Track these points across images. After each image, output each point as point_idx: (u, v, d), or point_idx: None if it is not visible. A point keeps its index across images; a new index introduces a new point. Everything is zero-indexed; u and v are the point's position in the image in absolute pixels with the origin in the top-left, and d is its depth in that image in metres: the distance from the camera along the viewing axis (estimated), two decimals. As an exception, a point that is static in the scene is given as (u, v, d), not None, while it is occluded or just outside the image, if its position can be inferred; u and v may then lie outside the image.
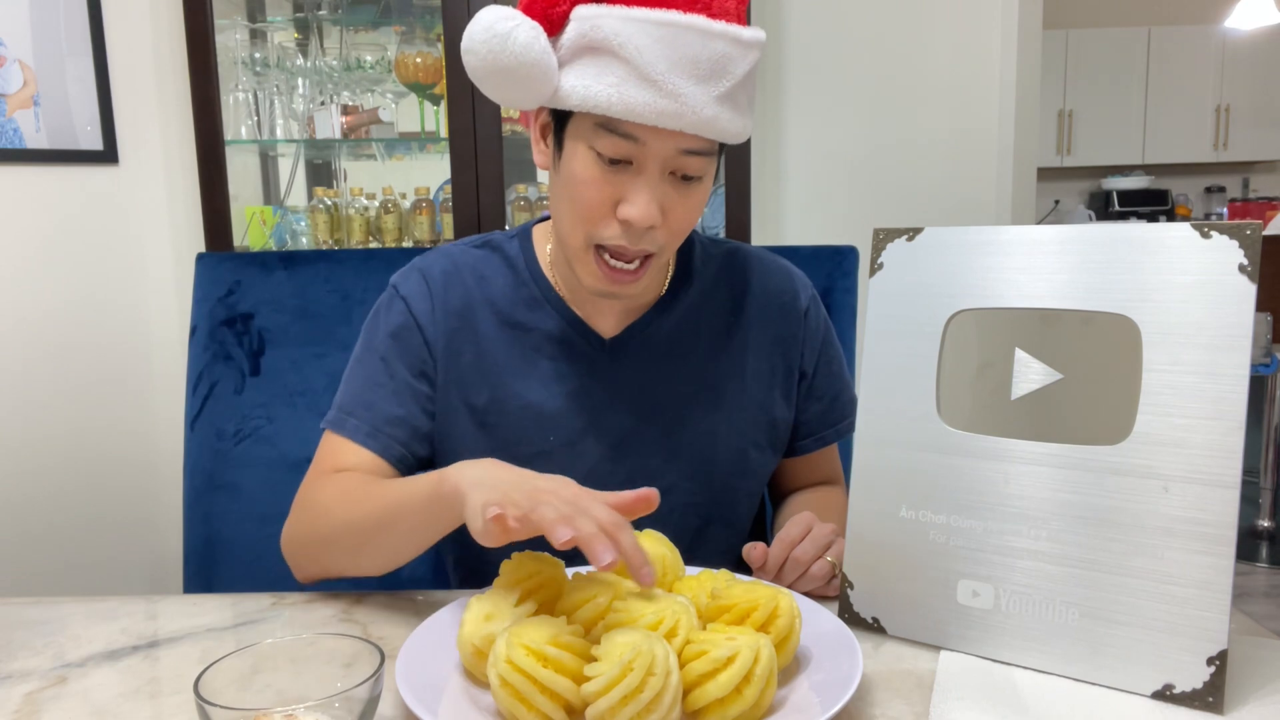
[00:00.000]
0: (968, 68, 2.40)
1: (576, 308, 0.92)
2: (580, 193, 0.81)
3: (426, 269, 0.94)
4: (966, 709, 0.64)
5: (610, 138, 0.78)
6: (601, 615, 0.67)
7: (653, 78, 0.74)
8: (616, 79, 0.75)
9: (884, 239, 0.80)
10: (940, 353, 0.76)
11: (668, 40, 0.74)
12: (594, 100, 0.76)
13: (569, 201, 0.83)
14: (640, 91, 0.74)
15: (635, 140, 0.78)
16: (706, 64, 0.75)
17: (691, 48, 0.74)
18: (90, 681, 0.72)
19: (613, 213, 0.81)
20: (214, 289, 1.31)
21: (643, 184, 0.79)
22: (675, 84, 0.74)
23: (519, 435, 0.91)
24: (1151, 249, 0.68)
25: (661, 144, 0.78)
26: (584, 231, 0.82)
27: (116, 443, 2.22)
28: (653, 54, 0.74)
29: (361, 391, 0.91)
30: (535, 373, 0.91)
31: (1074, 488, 0.69)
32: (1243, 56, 5.86)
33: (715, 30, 0.75)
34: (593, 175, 0.80)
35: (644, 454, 0.92)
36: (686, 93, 0.75)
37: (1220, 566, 0.64)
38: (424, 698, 0.62)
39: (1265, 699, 0.65)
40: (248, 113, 2.24)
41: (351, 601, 0.87)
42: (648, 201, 0.79)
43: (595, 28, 0.75)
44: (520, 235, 0.97)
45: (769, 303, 0.98)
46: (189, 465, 1.30)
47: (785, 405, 0.99)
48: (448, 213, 2.22)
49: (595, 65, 0.76)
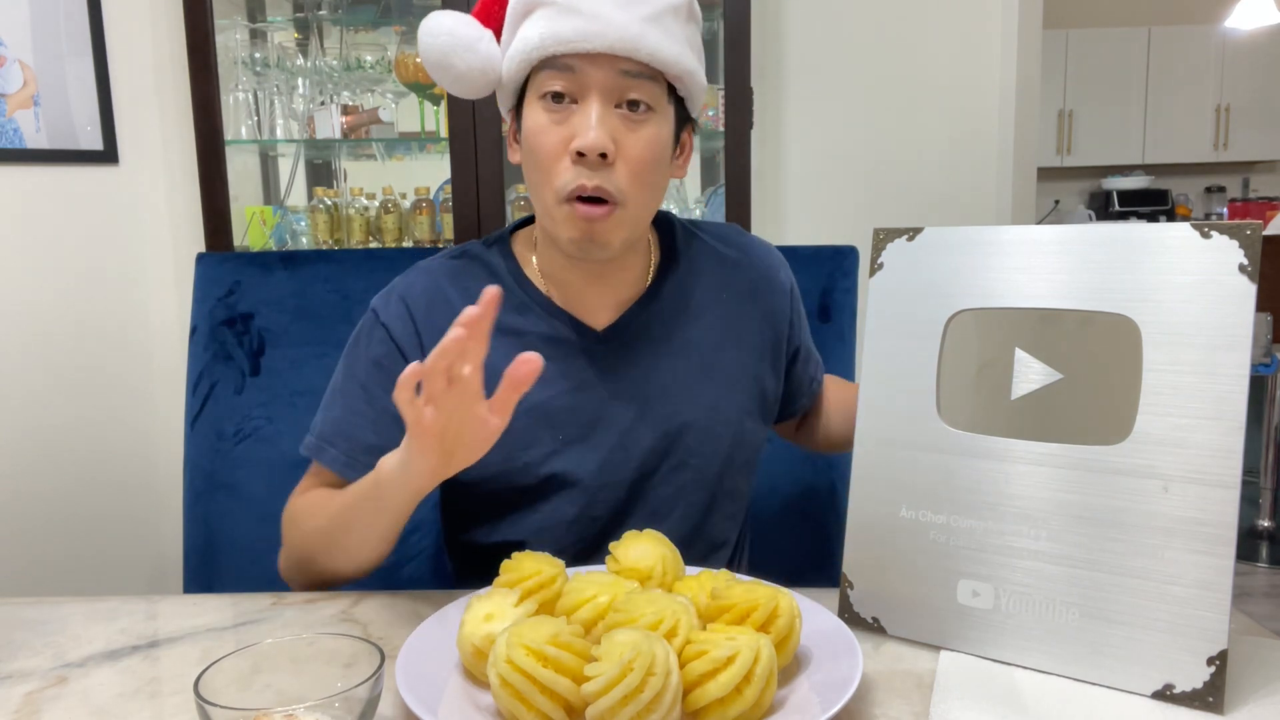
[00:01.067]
0: (968, 68, 2.40)
1: (565, 306, 0.94)
2: (536, 144, 0.84)
3: (407, 292, 0.95)
4: (966, 709, 0.64)
5: (551, 74, 0.82)
6: (601, 615, 0.67)
7: (577, 8, 0.80)
8: (545, 20, 0.81)
9: (884, 239, 0.80)
10: (940, 353, 0.76)
11: None
12: (528, 46, 0.82)
13: (531, 163, 0.86)
14: (567, 20, 0.80)
15: (572, 70, 0.82)
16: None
17: None
18: (90, 681, 0.72)
19: (566, 152, 0.83)
20: (214, 289, 1.31)
21: (588, 113, 0.82)
22: (596, 8, 0.80)
23: (529, 440, 0.91)
24: (1151, 249, 0.68)
25: (598, 70, 0.82)
26: (549, 184, 0.85)
27: (116, 442, 2.22)
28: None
29: (341, 420, 0.92)
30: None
31: (1074, 488, 0.69)
32: (1243, 56, 5.86)
33: None
34: (543, 122, 0.84)
35: (651, 437, 0.93)
36: (607, 13, 0.80)
37: (1220, 566, 0.64)
38: (424, 698, 0.62)
39: (1265, 699, 0.65)
40: (248, 113, 2.24)
41: (351, 601, 0.87)
42: (594, 126, 0.81)
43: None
44: (498, 242, 0.98)
45: (756, 278, 1.01)
46: (189, 465, 1.30)
47: (773, 377, 1.02)
48: (448, 213, 2.22)
49: (530, 21, 0.83)
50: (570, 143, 0.82)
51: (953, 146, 2.43)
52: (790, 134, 2.42)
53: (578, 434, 0.92)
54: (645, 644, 0.58)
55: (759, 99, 2.29)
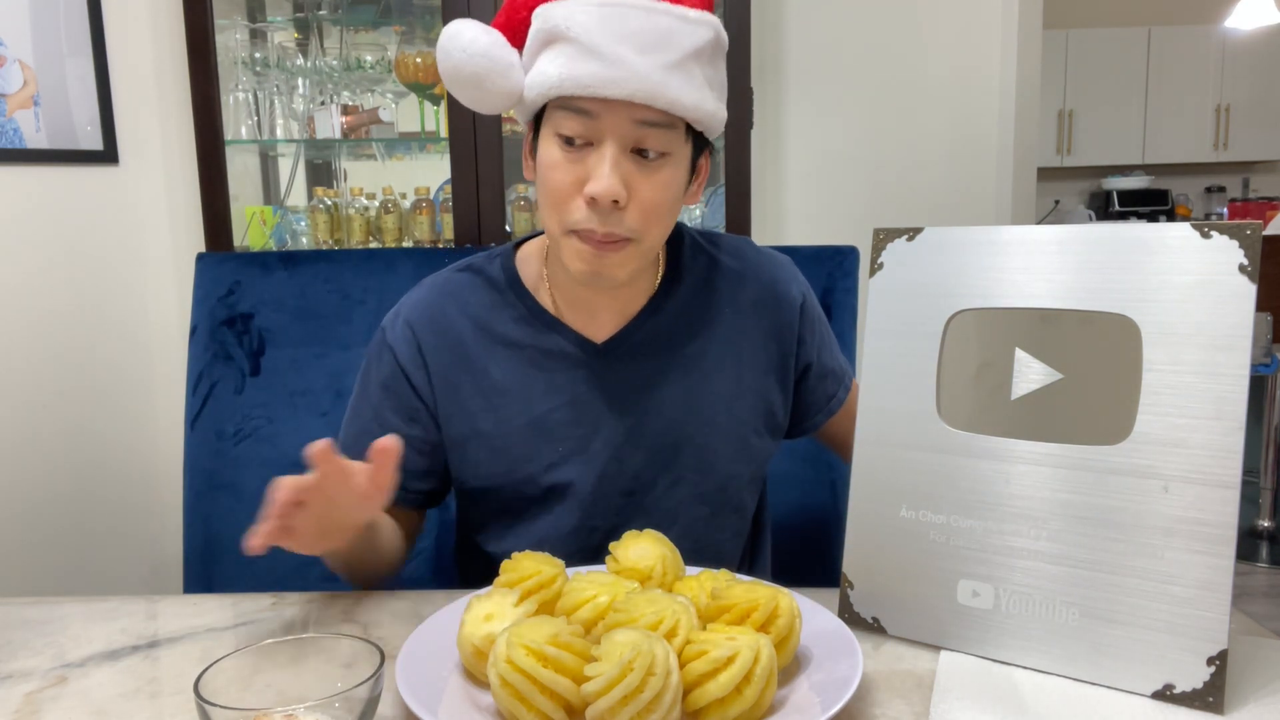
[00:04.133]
0: (968, 68, 2.40)
1: (568, 317, 0.94)
2: (548, 178, 0.84)
3: (411, 313, 0.96)
4: (966, 709, 0.64)
5: (567, 116, 0.81)
6: (601, 615, 0.67)
7: (599, 51, 0.78)
8: (566, 58, 0.79)
9: (884, 239, 0.80)
10: (940, 353, 0.76)
11: (611, 17, 0.78)
12: (547, 83, 0.80)
13: (543, 193, 0.86)
14: (587, 64, 0.78)
15: (590, 115, 0.80)
16: (650, 35, 0.78)
17: (634, 22, 0.78)
18: (90, 681, 0.72)
19: (580, 193, 0.82)
20: (214, 289, 1.31)
21: (602, 158, 0.81)
22: (618, 53, 0.78)
23: (530, 452, 0.92)
24: (1151, 249, 0.68)
25: (615, 116, 0.80)
26: (558, 218, 0.84)
27: (117, 443, 2.22)
28: (597, 30, 0.78)
29: (354, 443, 0.92)
30: (535, 387, 0.92)
31: (1074, 488, 0.69)
32: (1243, 56, 5.86)
33: (658, 7, 0.79)
34: (557, 159, 0.83)
35: (650, 450, 0.94)
36: (630, 60, 0.78)
37: (1220, 566, 0.64)
38: (424, 698, 0.62)
39: (1265, 699, 0.65)
40: (248, 113, 2.24)
41: (351, 601, 0.87)
42: (608, 175, 0.80)
43: (546, 19, 0.80)
44: (502, 255, 0.98)
45: (763, 294, 0.99)
46: (189, 465, 1.30)
47: (781, 393, 1.01)
48: (448, 213, 2.22)
49: (549, 53, 0.81)
50: (583, 184, 0.82)
51: (953, 146, 2.43)
52: (790, 134, 2.42)
53: (576, 446, 0.92)
54: (645, 644, 0.58)
55: (759, 99, 2.29)
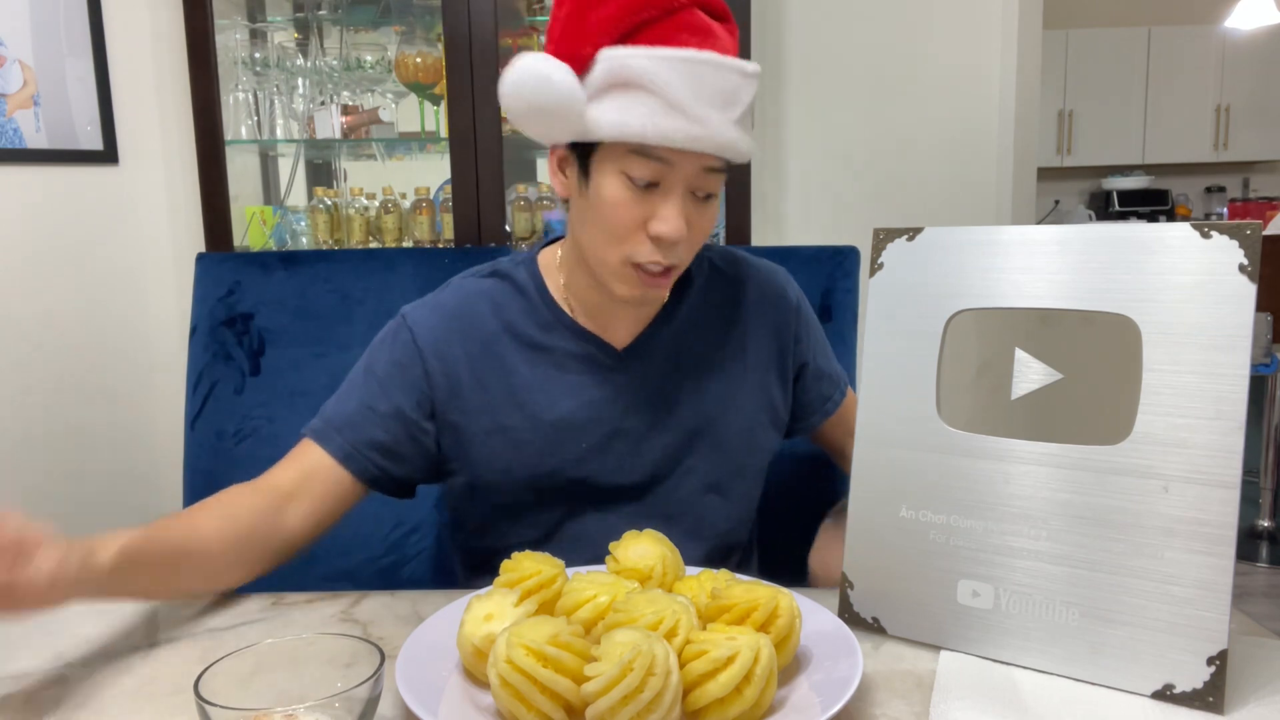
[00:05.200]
0: (968, 68, 2.40)
1: (588, 325, 0.99)
2: (612, 214, 0.88)
3: (441, 306, 0.99)
4: (966, 709, 0.64)
5: (643, 162, 0.85)
6: (601, 615, 0.67)
7: (680, 106, 0.82)
8: (648, 110, 0.83)
9: (884, 239, 0.80)
10: (940, 353, 0.76)
11: (689, 74, 0.82)
12: (629, 130, 0.83)
13: (600, 224, 0.89)
14: (670, 119, 0.83)
15: (666, 163, 0.85)
16: (722, 93, 0.84)
17: (709, 79, 0.83)
18: (90, 681, 0.72)
19: (643, 230, 0.88)
20: (214, 289, 1.31)
21: (672, 202, 0.87)
22: (700, 112, 0.83)
23: (554, 448, 0.97)
24: (1151, 249, 0.68)
25: (688, 165, 0.86)
26: (618, 251, 0.89)
27: (117, 443, 2.22)
28: (679, 86, 0.82)
29: (353, 414, 0.95)
30: (561, 388, 0.97)
31: (1074, 488, 0.69)
32: (1243, 56, 5.86)
33: (726, 64, 0.84)
34: (624, 198, 0.87)
35: (665, 444, 0.99)
36: (709, 119, 0.83)
37: (1220, 566, 0.64)
38: (424, 698, 0.62)
39: (1265, 699, 0.65)
40: (248, 113, 2.24)
41: (351, 601, 0.87)
42: (677, 216, 0.87)
43: (625, 66, 0.82)
44: (527, 262, 1.02)
45: (762, 297, 1.06)
46: (189, 465, 1.30)
47: (781, 389, 1.06)
48: (448, 213, 2.22)
49: (626, 99, 0.83)
50: (647, 221, 0.87)
51: (953, 146, 2.43)
52: (790, 134, 2.42)
53: (597, 443, 0.97)
54: (645, 644, 0.58)
55: (759, 99, 2.29)
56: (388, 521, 1.29)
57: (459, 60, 2.04)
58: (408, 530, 1.29)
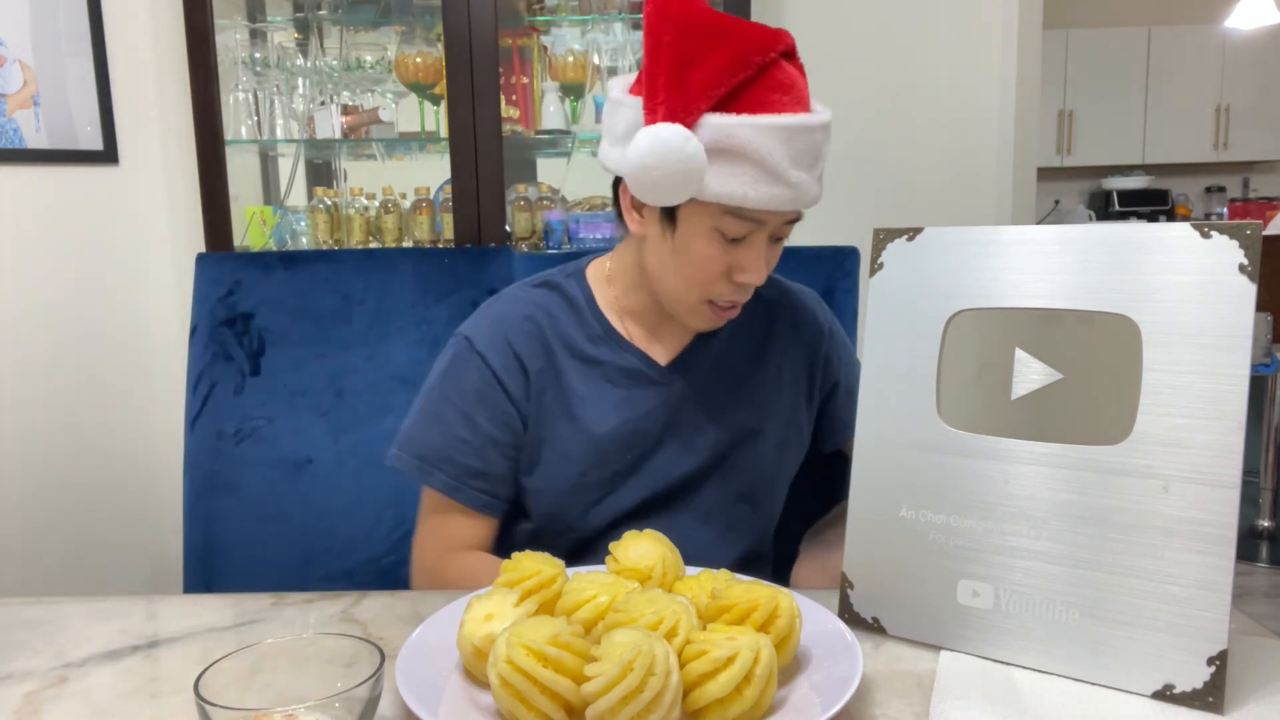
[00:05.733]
0: (968, 68, 2.40)
1: (635, 340, 1.04)
2: (702, 265, 0.94)
3: (502, 320, 1.03)
4: (966, 709, 0.64)
5: (738, 221, 0.91)
6: (601, 615, 0.67)
7: (779, 174, 0.88)
8: (751, 177, 0.88)
9: (884, 239, 0.80)
10: (940, 353, 0.76)
11: (787, 140, 0.88)
12: (733, 195, 0.89)
13: (686, 270, 0.96)
14: (771, 187, 0.89)
15: (758, 222, 0.92)
16: (811, 154, 0.91)
17: (802, 143, 0.89)
18: (90, 681, 0.72)
19: (727, 276, 0.95)
20: (214, 289, 1.32)
21: (758, 253, 0.94)
22: (795, 176, 0.89)
23: (602, 459, 1.01)
24: (1151, 249, 0.68)
25: (776, 220, 0.93)
26: (699, 293, 0.96)
27: (116, 443, 2.22)
28: (778, 154, 0.88)
29: (444, 446, 1.00)
30: (609, 402, 1.01)
31: (1074, 488, 0.69)
32: (1243, 56, 5.86)
33: (815, 124, 0.90)
34: (716, 251, 0.93)
35: (704, 457, 1.03)
36: (802, 182, 0.90)
37: (1220, 566, 0.64)
38: (424, 698, 0.62)
39: (1265, 699, 0.65)
40: (248, 113, 2.24)
41: (351, 601, 0.87)
42: (763, 266, 0.95)
43: (730, 136, 0.87)
44: (576, 275, 1.07)
45: (795, 319, 1.11)
46: (189, 465, 1.30)
47: (808, 409, 1.12)
48: (448, 213, 2.22)
49: (730, 166, 0.88)
50: (733, 270, 0.94)
51: (953, 146, 2.43)
52: (790, 134, 2.42)
53: (641, 454, 1.02)
54: (645, 644, 0.58)
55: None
56: (388, 521, 1.29)
57: (459, 60, 2.04)
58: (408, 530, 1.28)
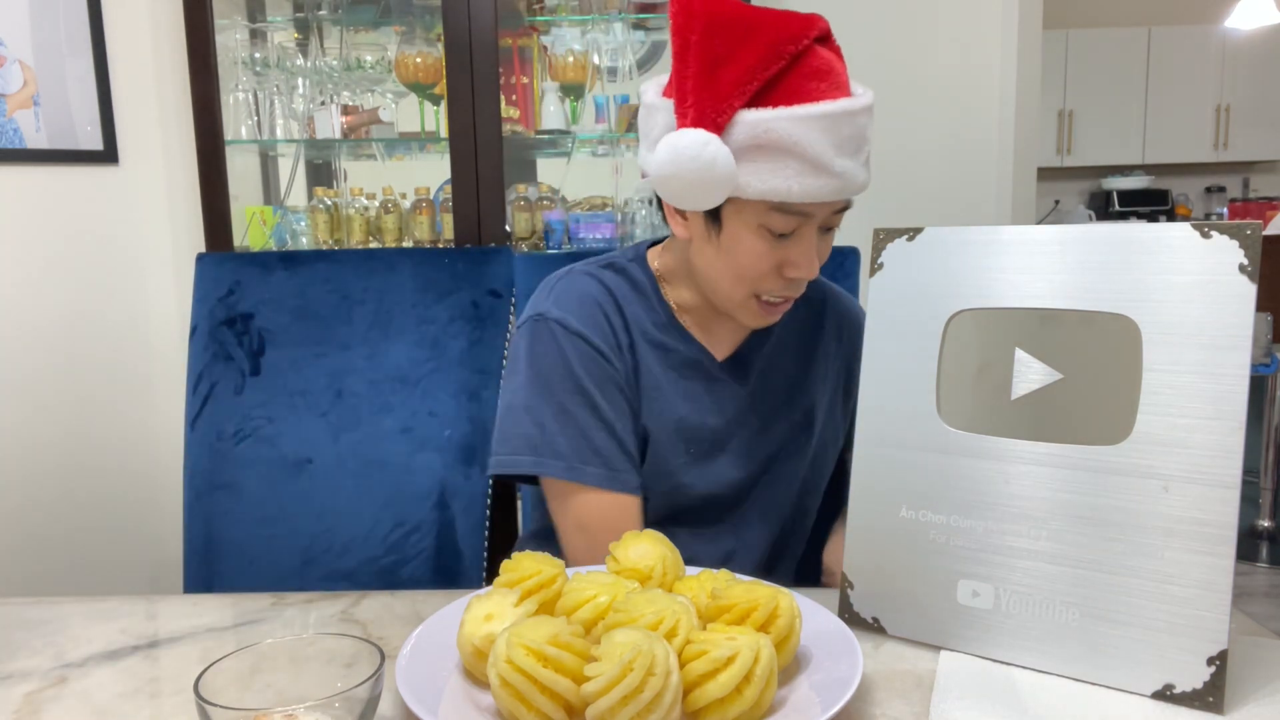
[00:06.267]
0: (968, 68, 2.40)
1: (696, 334, 1.01)
2: (751, 263, 0.91)
3: (587, 298, 0.98)
4: (966, 709, 0.64)
5: (785, 216, 0.88)
6: (601, 615, 0.67)
7: (824, 164, 0.84)
8: (794, 171, 0.85)
9: (884, 239, 0.80)
10: (940, 353, 0.76)
11: (830, 129, 0.84)
12: (777, 192, 0.85)
13: (734, 268, 0.92)
14: (815, 179, 0.85)
15: (805, 215, 0.88)
16: (855, 140, 0.87)
17: (845, 129, 0.85)
18: (90, 681, 0.72)
19: (777, 272, 0.92)
20: (214, 289, 1.32)
21: (808, 246, 0.91)
22: (841, 165, 0.86)
23: (667, 452, 0.98)
24: (1151, 249, 0.68)
25: (824, 211, 0.89)
26: (747, 289, 0.93)
27: (116, 443, 2.22)
28: (821, 145, 0.84)
29: (583, 439, 0.94)
30: (678, 391, 0.99)
31: (1074, 488, 0.69)
32: (1243, 56, 5.86)
33: (858, 108, 0.86)
34: (764, 248, 0.90)
35: (753, 460, 1.02)
36: (848, 169, 0.86)
37: (1220, 566, 0.64)
38: (424, 698, 0.62)
39: (1265, 699, 0.65)
40: (248, 113, 2.24)
41: (351, 601, 0.87)
42: (813, 260, 0.91)
43: (768, 130, 0.83)
44: (638, 259, 1.03)
45: (840, 322, 1.10)
46: (189, 465, 1.30)
47: (844, 408, 1.11)
48: (448, 213, 2.22)
49: (770, 161, 0.85)
50: (783, 266, 0.91)
51: (953, 146, 2.43)
52: (790, 134, 2.42)
53: (701, 451, 1.00)
54: (645, 644, 0.58)
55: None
56: (387, 521, 1.29)
57: (459, 60, 2.04)
58: (408, 530, 1.29)
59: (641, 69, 2.39)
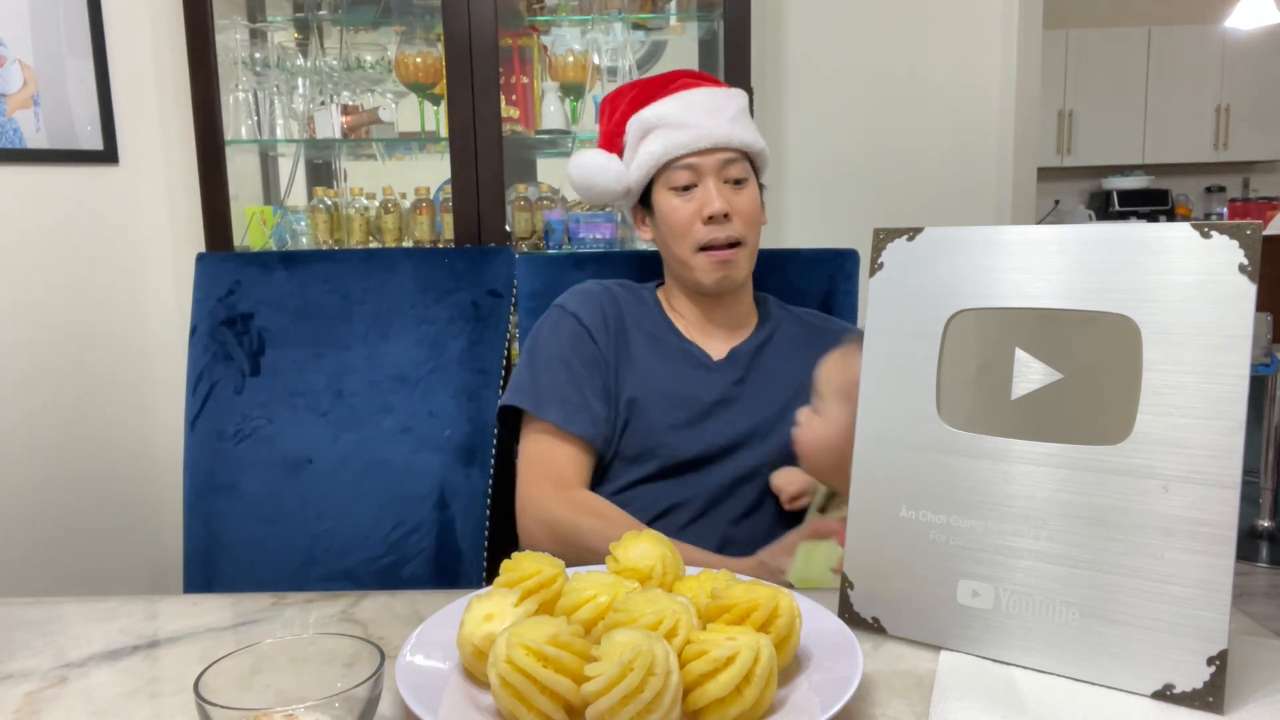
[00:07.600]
0: (968, 68, 2.40)
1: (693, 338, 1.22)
2: (673, 218, 1.18)
3: (589, 293, 1.23)
4: (966, 709, 0.64)
5: (676, 171, 1.17)
6: (601, 615, 0.67)
7: (683, 123, 1.16)
8: (663, 137, 1.17)
9: (884, 239, 0.80)
10: (940, 353, 0.76)
11: (685, 103, 1.18)
12: (658, 155, 1.17)
13: (669, 231, 1.19)
14: (680, 134, 1.16)
15: (691, 167, 1.16)
16: (712, 105, 1.18)
17: (700, 101, 1.18)
18: (90, 681, 0.72)
19: (698, 219, 1.16)
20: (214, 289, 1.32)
21: (708, 189, 1.16)
22: (698, 120, 1.16)
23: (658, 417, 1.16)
24: (1151, 249, 0.68)
25: (709, 161, 1.16)
26: (688, 243, 1.18)
27: (117, 443, 2.22)
28: (680, 112, 1.17)
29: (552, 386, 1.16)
30: (669, 371, 1.19)
31: (1074, 488, 0.69)
32: (1243, 56, 5.85)
33: (710, 91, 1.20)
34: (676, 203, 1.18)
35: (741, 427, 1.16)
36: (707, 123, 1.16)
37: (1220, 566, 0.64)
38: (424, 698, 0.62)
39: (1265, 699, 0.65)
40: (248, 113, 2.24)
41: (351, 601, 0.87)
42: (716, 196, 1.15)
43: (642, 120, 1.19)
44: (648, 288, 1.28)
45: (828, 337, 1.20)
46: (189, 465, 1.30)
47: None
48: (448, 213, 2.22)
49: (649, 141, 1.18)
50: (699, 212, 1.16)
51: (953, 146, 2.43)
52: (791, 135, 2.42)
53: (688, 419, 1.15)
54: (645, 644, 0.58)
55: (759, 99, 2.29)
56: (387, 521, 1.29)
57: (459, 60, 2.04)
58: (408, 530, 1.29)
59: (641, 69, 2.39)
